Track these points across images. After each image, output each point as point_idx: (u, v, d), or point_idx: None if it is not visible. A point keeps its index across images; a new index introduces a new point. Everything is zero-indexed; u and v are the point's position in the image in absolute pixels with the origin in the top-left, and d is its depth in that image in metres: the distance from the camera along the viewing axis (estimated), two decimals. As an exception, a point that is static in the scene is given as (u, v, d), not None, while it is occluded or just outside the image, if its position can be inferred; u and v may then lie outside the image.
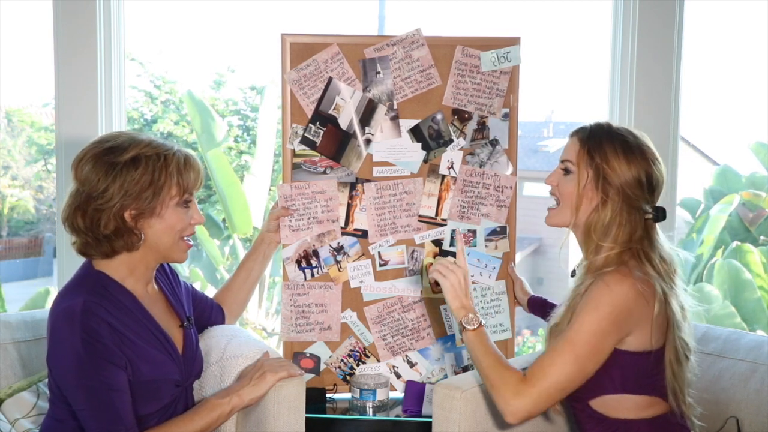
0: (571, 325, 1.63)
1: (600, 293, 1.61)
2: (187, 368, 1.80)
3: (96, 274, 1.70)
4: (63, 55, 2.61)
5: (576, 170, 1.73)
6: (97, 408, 1.60)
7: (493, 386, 1.63)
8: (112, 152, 1.66)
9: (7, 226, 9.67)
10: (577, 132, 1.78)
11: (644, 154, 1.70)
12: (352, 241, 2.30)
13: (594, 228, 1.70)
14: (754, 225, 7.41)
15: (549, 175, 1.81)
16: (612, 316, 1.60)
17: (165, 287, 1.85)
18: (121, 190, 1.64)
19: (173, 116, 8.33)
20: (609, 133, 1.73)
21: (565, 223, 1.77)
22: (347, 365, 2.33)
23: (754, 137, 8.02)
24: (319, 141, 2.28)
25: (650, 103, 2.59)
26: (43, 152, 9.13)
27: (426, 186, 2.31)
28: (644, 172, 1.69)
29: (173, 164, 1.69)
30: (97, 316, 1.61)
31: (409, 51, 2.28)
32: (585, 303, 1.63)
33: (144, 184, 1.66)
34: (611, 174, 1.68)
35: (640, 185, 1.69)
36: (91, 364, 1.59)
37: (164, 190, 1.68)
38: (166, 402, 1.74)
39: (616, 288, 1.61)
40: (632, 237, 1.69)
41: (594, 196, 1.71)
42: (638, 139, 1.72)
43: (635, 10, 2.59)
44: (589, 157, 1.71)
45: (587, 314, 1.61)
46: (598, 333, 1.60)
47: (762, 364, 1.96)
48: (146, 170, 1.66)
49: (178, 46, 9.74)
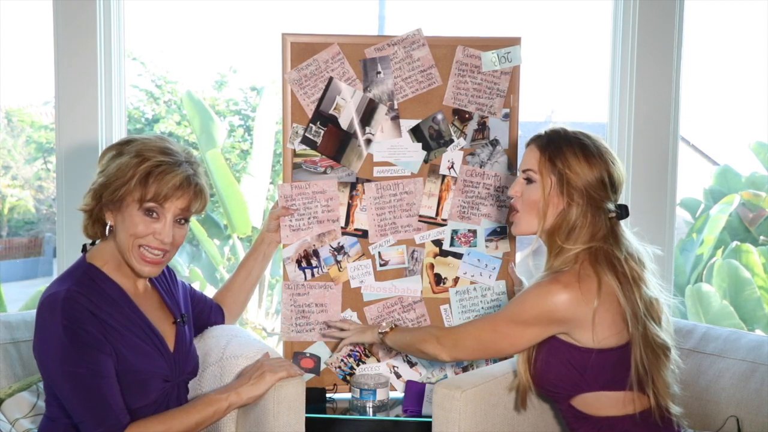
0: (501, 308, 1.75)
1: (531, 290, 1.70)
2: (177, 365, 1.79)
3: (87, 267, 1.71)
4: (63, 55, 2.61)
5: (539, 178, 1.74)
6: (84, 395, 1.59)
7: (423, 344, 1.85)
8: (127, 143, 1.75)
9: (7, 226, 9.66)
10: (534, 140, 1.79)
11: (603, 155, 1.73)
12: (352, 241, 2.30)
13: (558, 232, 1.73)
14: (754, 225, 7.40)
15: (511, 186, 1.82)
16: (534, 310, 1.68)
17: (159, 285, 1.86)
18: (104, 173, 1.72)
19: (175, 116, 8.33)
20: (566, 137, 1.74)
21: (532, 230, 1.79)
22: (347, 365, 2.33)
23: (754, 137, 8.01)
24: (320, 141, 2.28)
25: (650, 103, 2.59)
26: (43, 150, 9.12)
27: (426, 186, 2.31)
28: (606, 172, 1.71)
29: (144, 167, 1.70)
30: (79, 304, 1.61)
31: (410, 51, 2.28)
32: (518, 294, 1.74)
33: (117, 174, 1.70)
34: (574, 178, 1.70)
35: (603, 185, 1.71)
36: (74, 350, 1.58)
37: (126, 187, 1.69)
38: (155, 398, 1.73)
39: (545, 288, 1.67)
40: (594, 236, 1.71)
41: (559, 202, 1.72)
42: (595, 141, 1.75)
43: (635, 10, 2.59)
44: (551, 163, 1.73)
45: (514, 303, 1.73)
46: (518, 321, 1.70)
47: (762, 364, 1.96)
48: (124, 163, 1.70)
49: (180, 46, 9.74)
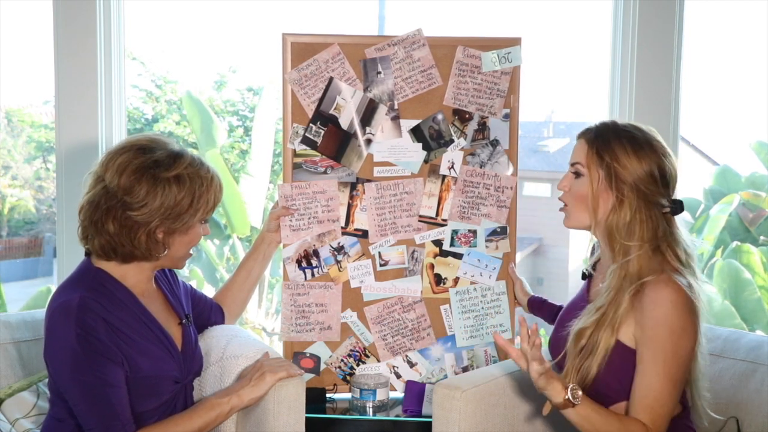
0: (654, 354, 1.61)
1: (673, 317, 1.61)
2: (186, 365, 1.80)
3: (95, 271, 1.70)
4: (63, 55, 2.61)
5: (587, 172, 1.72)
6: (93, 403, 1.60)
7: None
8: (157, 166, 1.68)
9: (7, 226, 9.65)
10: (583, 133, 1.77)
11: (654, 148, 1.69)
12: (352, 241, 2.30)
13: (616, 229, 1.69)
14: (754, 225, 7.41)
15: (561, 180, 1.80)
16: (693, 329, 1.63)
17: (163, 286, 1.86)
18: (161, 208, 1.67)
19: (175, 116, 8.33)
20: (616, 130, 1.72)
21: (584, 224, 1.77)
22: (347, 365, 2.33)
23: (755, 137, 8.01)
24: (320, 141, 2.28)
25: (650, 103, 2.59)
26: (42, 150, 9.12)
27: (426, 186, 2.31)
28: (656, 166, 1.68)
29: (213, 189, 1.74)
30: (93, 312, 1.62)
31: (410, 51, 2.28)
32: (660, 330, 1.61)
33: (184, 206, 1.69)
34: (623, 171, 1.67)
35: (654, 180, 1.68)
36: (86, 359, 1.59)
37: (200, 212, 1.73)
38: (165, 399, 1.74)
39: (680, 302, 1.61)
40: (656, 233, 1.68)
41: (609, 196, 1.70)
42: (646, 133, 1.71)
43: (635, 10, 2.58)
44: (598, 157, 1.70)
45: (671, 342, 1.61)
46: (689, 353, 1.63)
47: (762, 364, 1.96)
48: (188, 192, 1.69)
49: (180, 46, 9.74)
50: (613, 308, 1.66)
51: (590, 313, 1.70)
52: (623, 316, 1.65)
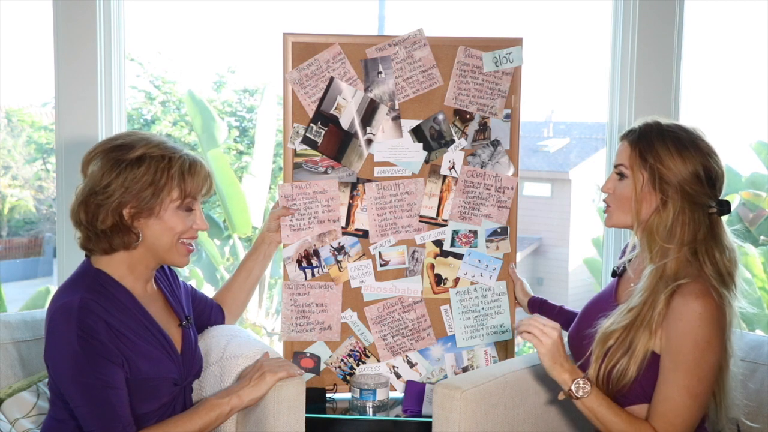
0: (675, 365, 1.60)
1: (698, 331, 1.59)
2: (185, 367, 1.80)
3: (95, 272, 1.70)
4: (63, 55, 2.61)
5: (630, 174, 1.70)
6: (94, 405, 1.60)
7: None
8: (120, 149, 1.69)
9: (7, 226, 9.65)
10: (626, 135, 1.75)
11: (698, 147, 1.67)
12: (352, 241, 2.30)
13: (657, 230, 1.67)
14: (754, 225, 7.40)
15: (605, 182, 1.79)
16: (719, 343, 1.61)
17: (164, 287, 1.86)
18: (122, 187, 1.66)
19: (170, 117, 8.32)
20: (659, 131, 1.69)
21: (626, 223, 1.75)
22: (347, 365, 2.33)
23: (755, 137, 8.01)
24: (321, 141, 2.28)
25: (650, 103, 2.59)
26: (42, 150, 9.12)
27: (427, 186, 2.31)
28: (701, 166, 1.65)
29: (176, 167, 1.70)
30: (94, 314, 1.62)
31: (411, 51, 2.28)
32: (684, 342, 1.59)
33: (144, 183, 1.67)
34: (667, 173, 1.65)
35: (699, 180, 1.65)
36: (87, 361, 1.59)
37: (164, 192, 1.69)
38: (165, 401, 1.74)
39: (707, 315, 1.59)
40: (696, 237, 1.65)
41: (653, 198, 1.68)
42: (691, 133, 1.69)
43: (635, 10, 2.58)
44: (641, 158, 1.68)
45: (694, 355, 1.59)
46: (712, 367, 1.61)
47: (762, 364, 1.96)
48: (149, 170, 1.68)
49: (178, 47, 9.72)
50: (649, 309, 1.63)
51: (622, 314, 1.68)
52: (660, 318, 1.62)
